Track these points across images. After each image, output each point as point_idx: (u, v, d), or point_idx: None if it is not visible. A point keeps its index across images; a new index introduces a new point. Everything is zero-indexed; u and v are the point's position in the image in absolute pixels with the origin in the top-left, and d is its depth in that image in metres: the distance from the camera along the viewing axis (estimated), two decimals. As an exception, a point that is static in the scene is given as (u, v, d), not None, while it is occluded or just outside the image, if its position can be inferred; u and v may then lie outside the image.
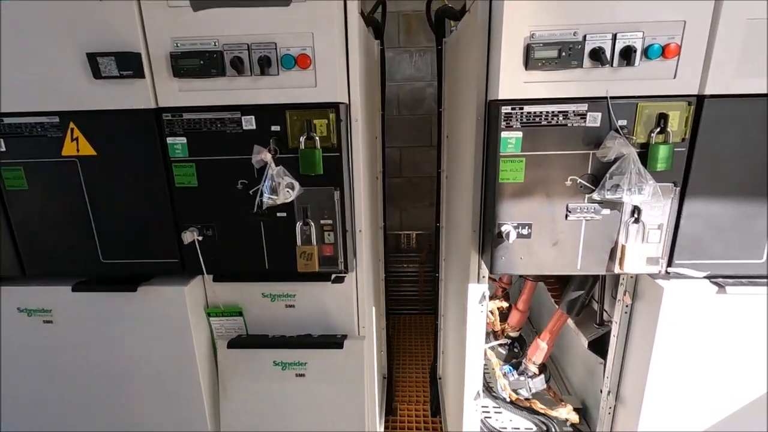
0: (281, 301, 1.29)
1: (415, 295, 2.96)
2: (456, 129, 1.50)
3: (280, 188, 1.02)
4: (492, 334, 1.87)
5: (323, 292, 1.26)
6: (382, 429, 1.95)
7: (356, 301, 1.30)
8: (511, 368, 1.57)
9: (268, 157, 0.99)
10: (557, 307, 1.45)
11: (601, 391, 1.38)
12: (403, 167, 2.82)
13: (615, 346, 1.30)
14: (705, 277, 1.09)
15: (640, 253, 1.04)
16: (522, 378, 1.55)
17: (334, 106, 1.01)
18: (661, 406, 1.18)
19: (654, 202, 1.00)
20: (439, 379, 2.11)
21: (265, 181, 1.01)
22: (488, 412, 1.63)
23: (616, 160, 0.96)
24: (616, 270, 1.06)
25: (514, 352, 1.77)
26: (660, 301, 1.09)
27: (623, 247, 1.04)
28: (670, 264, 1.07)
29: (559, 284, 1.47)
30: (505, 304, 1.65)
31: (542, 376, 1.54)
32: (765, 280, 1.06)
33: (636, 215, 1.02)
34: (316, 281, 1.23)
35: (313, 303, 1.29)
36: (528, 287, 1.68)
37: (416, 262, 2.88)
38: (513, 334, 1.79)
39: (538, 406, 1.48)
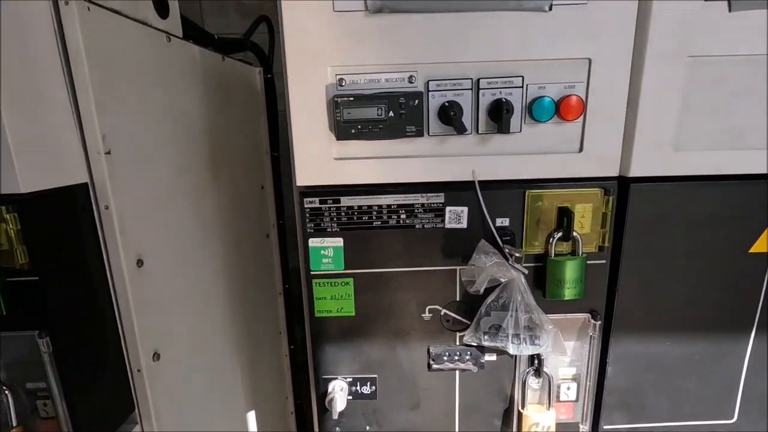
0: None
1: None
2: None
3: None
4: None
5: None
6: None
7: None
8: None
9: None
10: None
11: None
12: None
13: None
14: (650, 442, 0.71)
15: (548, 420, 0.64)
16: None
17: None
18: None
19: (560, 351, 0.62)
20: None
21: None
22: None
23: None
24: (514, 444, 0.67)
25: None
26: (587, 478, 0.70)
27: (520, 415, 0.64)
28: (595, 430, 0.68)
29: None
30: None
31: None
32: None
33: (536, 364, 0.64)
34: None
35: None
36: None
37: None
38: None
39: None
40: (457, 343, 0.63)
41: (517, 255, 0.56)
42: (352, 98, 0.52)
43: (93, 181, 0.69)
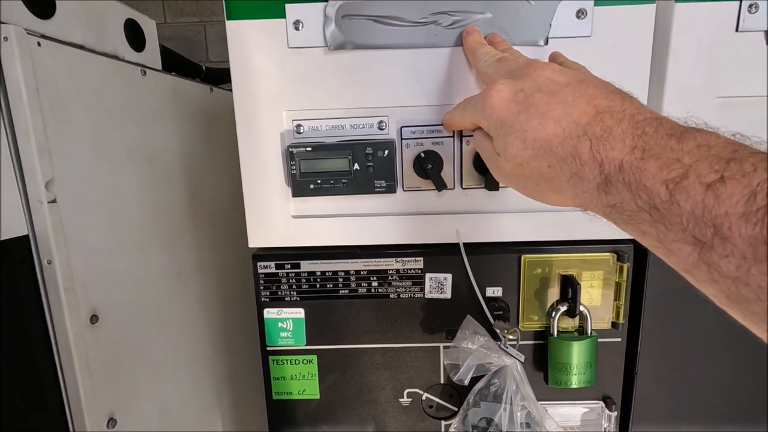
0: None
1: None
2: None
3: None
4: None
5: None
6: None
7: None
8: None
9: None
10: None
11: None
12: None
13: None
14: None
15: None
16: None
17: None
18: None
19: (569, 444, 0.51)
20: None
21: None
22: None
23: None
24: None
25: None
26: None
27: None
28: None
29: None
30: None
31: None
32: None
33: (539, 462, 0.52)
34: None
35: None
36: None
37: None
38: None
39: None
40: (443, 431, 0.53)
41: (511, 337, 0.45)
42: (309, 148, 0.44)
43: (35, 233, 0.61)
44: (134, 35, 0.81)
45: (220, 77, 1.24)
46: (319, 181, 0.45)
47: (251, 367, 1.32)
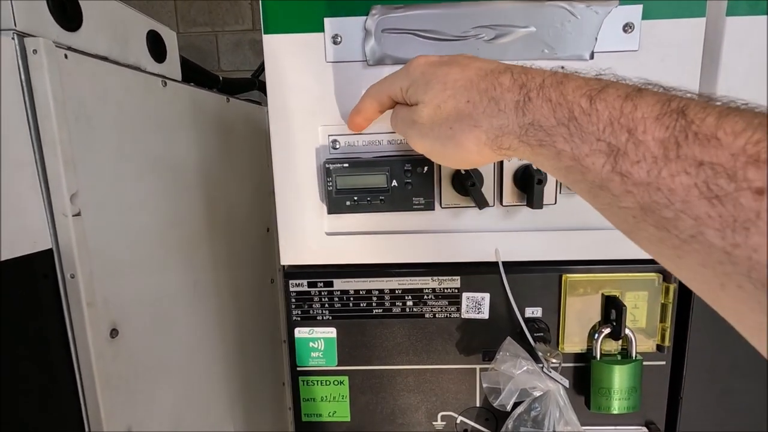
0: None
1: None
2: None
3: None
4: None
5: None
6: None
7: None
8: None
9: None
10: None
11: None
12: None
13: None
14: None
15: None
16: None
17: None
18: None
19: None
20: None
21: None
22: None
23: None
24: None
25: None
26: None
27: None
28: None
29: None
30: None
31: None
32: None
33: (579, 489, 0.50)
34: None
35: None
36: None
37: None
38: None
39: None
40: (478, 459, 0.51)
41: (554, 361, 0.44)
42: (346, 164, 0.43)
43: (58, 247, 0.60)
44: (156, 46, 0.81)
45: (236, 87, 1.23)
46: (355, 198, 0.43)
47: (267, 382, 1.31)
